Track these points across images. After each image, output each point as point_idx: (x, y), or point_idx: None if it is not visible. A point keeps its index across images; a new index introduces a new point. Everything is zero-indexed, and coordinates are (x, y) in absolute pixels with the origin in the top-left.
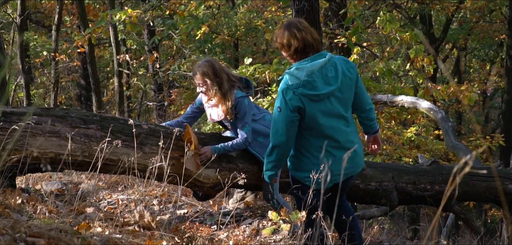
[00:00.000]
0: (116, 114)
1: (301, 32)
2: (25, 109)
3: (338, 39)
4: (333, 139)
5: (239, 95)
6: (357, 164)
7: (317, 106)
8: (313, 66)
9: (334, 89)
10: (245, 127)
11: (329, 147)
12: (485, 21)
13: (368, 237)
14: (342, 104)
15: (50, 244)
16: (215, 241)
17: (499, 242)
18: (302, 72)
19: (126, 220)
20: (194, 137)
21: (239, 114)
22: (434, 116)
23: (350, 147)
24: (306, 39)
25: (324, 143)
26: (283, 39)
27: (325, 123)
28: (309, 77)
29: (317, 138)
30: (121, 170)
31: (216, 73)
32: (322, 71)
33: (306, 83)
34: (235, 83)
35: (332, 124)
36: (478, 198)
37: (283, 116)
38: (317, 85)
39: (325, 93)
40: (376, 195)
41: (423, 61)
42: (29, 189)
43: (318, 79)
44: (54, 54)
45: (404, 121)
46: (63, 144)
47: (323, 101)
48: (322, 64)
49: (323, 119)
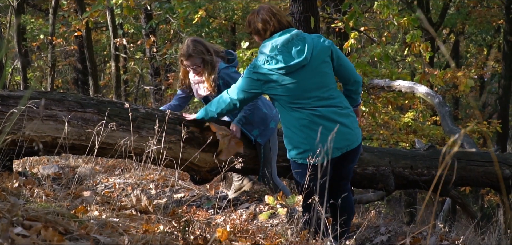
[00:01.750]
0: (113, 98)
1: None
2: (22, 93)
3: (335, 23)
4: (316, 112)
5: (222, 67)
6: (350, 139)
7: (292, 78)
8: (276, 42)
9: (300, 61)
10: None
11: (315, 120)
12: (483, 6)
13: (365, 222)
14: (317, 77)
15: (47, 227)
16: (212, 225)
17: (496, 226)
18: (267, 48)
19: (123, 204)
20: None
21: (231, 84)
22: (431, 101)
23: (338, 120)
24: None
25: (307, 117)
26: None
27: (302, 96)
28: (272, 51)
29: (299, 111)
30: (118, 154)
31: (207, 48)
32: (287, 45)
33: (270, 58)
34: (219, 54)
35: (311, 99)
36: (475, 183)
37: (243, 81)
38: (283, 58)
39: (293, 65)
40: (373, 180)
41: (420, 47)
42: (26, 172)
43: (283, 53)
44: (51, 38)
45: (401, 106)
46: (60, 127)
47: (296, 73)
48: (286, 39)
49: (302, 92)
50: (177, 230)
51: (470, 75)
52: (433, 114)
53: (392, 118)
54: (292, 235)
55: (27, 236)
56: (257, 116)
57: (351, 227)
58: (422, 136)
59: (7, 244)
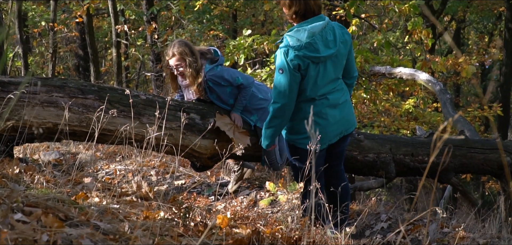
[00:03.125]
0: (114, 85)
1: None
2: (23, 79)
3: (336, 10)
4: (325, 98)
5: (207, 69)
6: (350, 122)
7: (317, 68)
8: (313, 28)
9: (333, 52)
10: (237, 80)
11: (321, 107)
12: None
13: (366, 209)
14: (336, 68)
15: (47, 213)
16: (213, 212)
17: (497, 214)
18: (303, 34)
19: (124, 191)
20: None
21: (221, 83)
22: (433, 88)
23: (340, 104)
24: (308, 4)
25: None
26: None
27: (320, 87)
28: (310, 38)
29: (309, 102)
30: (118, 141)
31: (192, 51)
32: (322, 34)
33: (308, 45)
34: (206, 56)
35: (325, 88)
36: (476, 170)
37: (285, 77)
38: (319, 48)
39: (325, 56)
40: (373, 167)
41: (422, 34)
42: (26, 159)
43: (319, 42)
44: (52, 24)
45: (402, 93)
46: (61, 114)
47: (322, 64)
48: (322, 26)
49: (319, 82)
50: (177, 217)
51: (471, 62)
52: (434, 100)
53: (393, 105)
54: (293, 222)
55: (27, 223)
56: (254, 103)
57: (352, 214)
58: (423, 123)
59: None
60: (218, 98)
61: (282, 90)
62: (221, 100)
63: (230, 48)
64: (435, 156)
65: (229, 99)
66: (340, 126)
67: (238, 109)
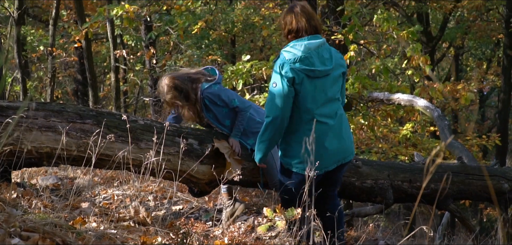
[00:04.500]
0: (112, 110)
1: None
2: (21, 103)
3: (335, 36)
4: (324, 123)
5: (204, 87)
6: (348, 150)
7: (313, 83)
8: (309, 44)
9: (329, 69)
10: (233, 103)
11: (320, 132)
12: (482, 20)
13: (363, 235)
14: (334, 88)
15: (45, 238)
16: (210, 237)
17: (495, 240)
18: (299, 48)
19: (121, 216)
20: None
21: (217, 103)
22: (431, 114)
23: (340, 134)
24: (301, 23)
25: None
26: (281, 19)
27: (317, 105)
28: (306, 53)
29: (307, 123)
30: (116, 166)
31: (181, 90)
32: (318, 51)
33: (303, 58)
34: (199, 80)
35: (324, 109)
36: (474, 197)
37: (278, 90)
38: (314, 62)
39: (321, 71)
40: (371, 193)
41: (420, 60)
42: (24, 183)
43: (315, 57)
44: (51, 49)
45: (401, 119)
46: (59, 138)
47: (319, 80)
48: (318, 44)
49: (317, 99)
50: (175, 242)
51: (470, 88)
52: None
53: (391, 130)
54: None
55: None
56: (251, 127)
57: (349, 240)
58: (421, 150)
59: None
60: (214, 118)
61: (275, 103)
62: (217, 120)
63: (229, 73)
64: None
65: (226, 120)
66: (338, 154)
67: (236, 135)
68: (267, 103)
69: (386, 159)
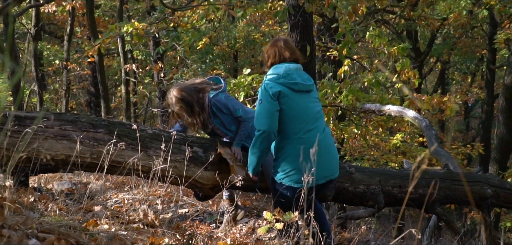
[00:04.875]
0: (123, 120)
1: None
2: (38, 114)
3: (330, 51)
4: (310, 141)
5: (211, 95)
6: (335, 167)
7: (297, 98)
8: (289, 65)
9: (310, 85)
10: (237, 112)
11: (309, 147)
12: (467, 37)
13: (356, 237)
14: (318, 105)
15: (60, 239)
16: (214, 238)
17: (478, 242)
18: (280, 69)
19: (131, 218)
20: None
21: (223, 111)
22: (419, 124)
23: (327, 150)
24: (282, 54)
25: (301, 146)
26: (264, 51)
27: (305, 121)
28: (287, 70)
29: (295, 140)
30: (127, 172)
31: (187, 102)
32: (297, 72)
33: (286, 75)
34: (205, 90)
35: (309, 125)
36: (459, 201)
37: (264, 106)
38: (296, 78)
39: (304, 85)
40: (364, 197)
41: (409, 74)
42: (41, 188)
43: (296, 75)
44: (66, 63)
45: (391, 129)
46: (73, 146)
47: (301, 96)
48: (297, 67)
49: (300, 115)
50: (181, 243)
51: (455, 100)
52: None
53: (382, 139)
54: None
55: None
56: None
57: (343, 241)
58: (410, 157)
59: None
60: (221, 124)
61: (262, 118)
62: (224, 126)
63: (231, 85)
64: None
65: (232, 125)
66: (325, 170)
67: (239, 144)
68: (256, 119)
69: (378, 166)
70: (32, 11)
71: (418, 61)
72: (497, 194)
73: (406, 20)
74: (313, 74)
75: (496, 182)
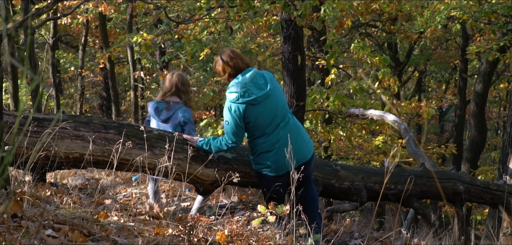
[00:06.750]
0: (131, 122)
1: (233, 60)
2: (55, 116)
3: (318, 61)
4: (275, 135)
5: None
6: (304, 151)
7: (257, 109)
8: (244, 79)
9: (268, 91)
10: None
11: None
12: (442, 48)
13: (341, 228)
14: (277, 105)
15: (73, 230)
16: (213, 229)
17: (451, 233)
18: (237, 87)
19: (139, 211)
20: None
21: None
22: (398, 127)
23: (295, 139)
24: (236, 65)
25: (269, 141)
26: (219, 66)
27: (265, 123)
28: (243, 87)
29: (263, 138)
30: (134, 168)
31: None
32: (253, 81)
33: (244, 93)
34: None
35: (272, 124)
36: (434, 197)
37: (231, 125)
38: (253, 92)
39: (261, 96)
40: (348, 193)
41: (389, 81)
42: (57, 183)
43: (252, 87)
44: (80, 70)
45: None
46: (87, 146)
47: (261, 104)
48: (251, 76)
49: (263, 120)
50: (183, 233)
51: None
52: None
53: (365, 141)
54: (280, 239)
55: (56, 237)
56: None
57: (329, 232)
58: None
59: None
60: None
61: (231, 135)
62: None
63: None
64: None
65: None
66: (296, 155)
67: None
68: (226, 135)
69: (361, 164)
70: (50, 23)
71: (397, 70)
72: (468, 190)
73: (387, 33)
74: (303, 81)
75: (468, 180)
